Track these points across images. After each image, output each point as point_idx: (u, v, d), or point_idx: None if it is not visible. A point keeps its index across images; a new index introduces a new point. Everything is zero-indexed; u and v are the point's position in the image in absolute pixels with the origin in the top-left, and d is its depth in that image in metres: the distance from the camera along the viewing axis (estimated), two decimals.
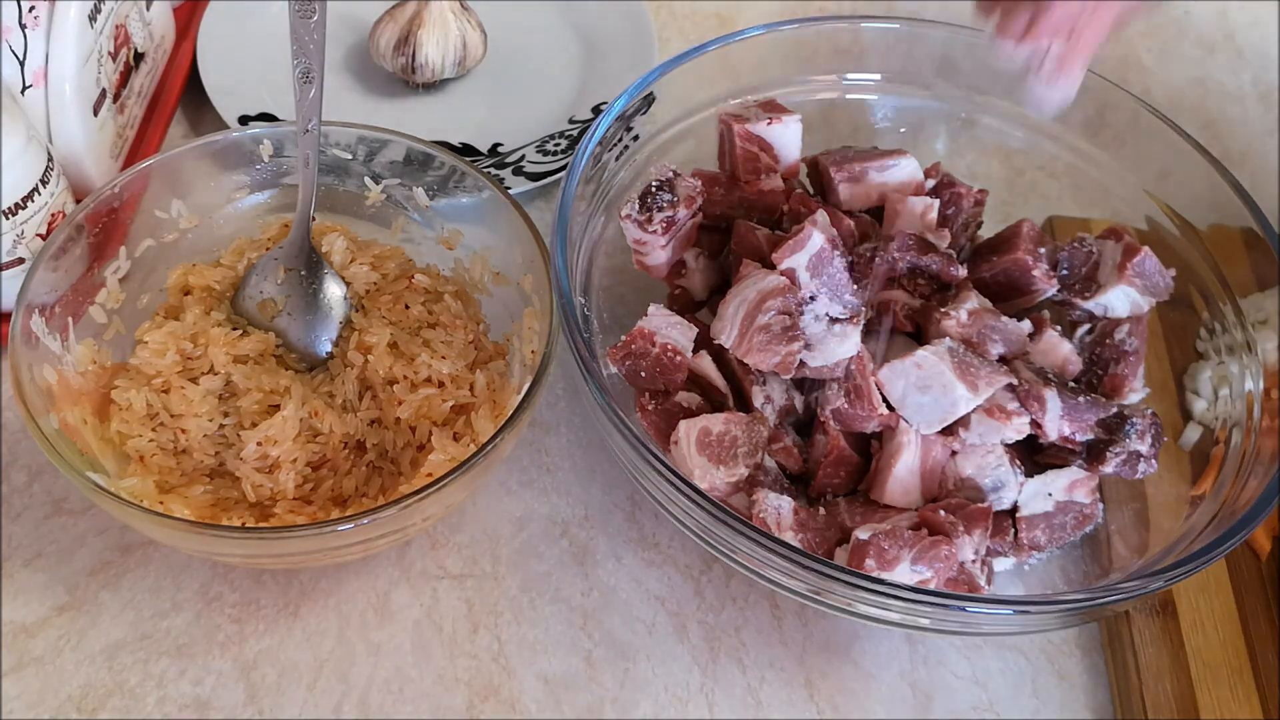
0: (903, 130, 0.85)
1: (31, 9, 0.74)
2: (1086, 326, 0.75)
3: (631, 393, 0.71)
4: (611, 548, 0.74)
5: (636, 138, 0.78)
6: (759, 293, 0.68)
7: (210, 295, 0.73)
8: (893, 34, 0.84)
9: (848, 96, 0.84)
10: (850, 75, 0.84)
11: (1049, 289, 0.73)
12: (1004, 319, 0.70)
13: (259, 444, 0.66)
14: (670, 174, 0.72)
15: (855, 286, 0.70)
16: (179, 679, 0.67)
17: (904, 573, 0.62)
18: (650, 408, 0.69)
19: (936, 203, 0.74)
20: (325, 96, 0.67)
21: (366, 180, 0.77)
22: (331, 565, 0.71)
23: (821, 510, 0.68)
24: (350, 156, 0.76)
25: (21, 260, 0.74)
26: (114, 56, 0.82)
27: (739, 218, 0.75)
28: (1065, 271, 0.74)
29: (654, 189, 0.71)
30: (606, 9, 1.01)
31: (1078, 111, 0.81)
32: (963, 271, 0.72)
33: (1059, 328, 0.72)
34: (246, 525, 0.66)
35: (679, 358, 0.69)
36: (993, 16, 0.64)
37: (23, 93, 0.76)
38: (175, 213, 0.74)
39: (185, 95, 0.93)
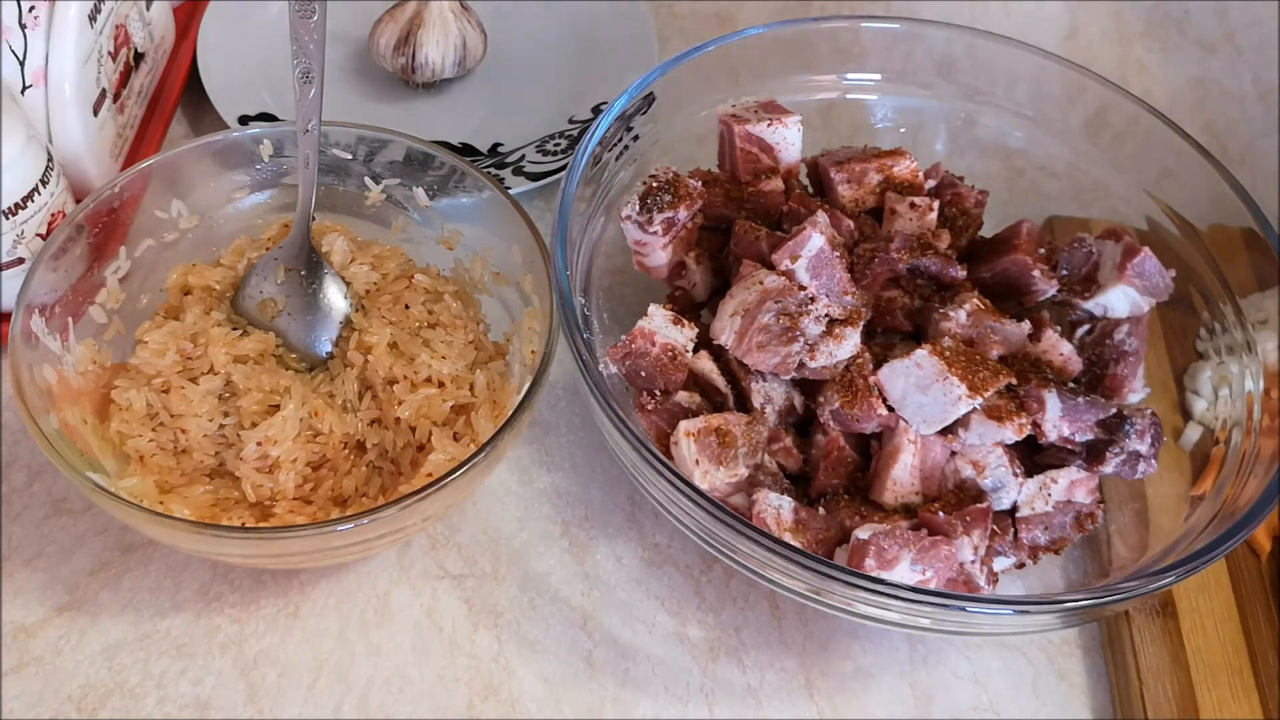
0: (903, 130, 0.85)
1: (31, 9, 0.74)
2: (1086, 326, 0.74)
3: (631, 393, 0.71)
4: (611, 548, 0.74)
5: (636, 138, 0.78)
6: (759, 293, 0.68)
7: (210, 295, 0.73)
8: (893, 34, 0.84)
9: (848, 96, 0.84)
10: (850, 75, 0.84)
11: (1049, 289, 0.73)
12: (1004, 319, 0.70)
13: (259, 444, 0.66)
14: (670, 174, 0.72)
15: (855, 287, 0.70)
16: (179, 679, 0.67)
17: (904, 573, 0.62)
18: (650, 408, 0.69)
19: (936, 203, 0.74)
20: (325, 96, 0.67)
21: (366, 180, 0.77)
22: (331, 565, 0.71)
23: (821, 510, 0.68)
24: (350, 156, 0.76)
25: (21, 260, 0.74)
26: (114, 56, 0.82)
27: (739, 218, 0.75)
28: (1065, 271, 0.74)
29: (654, 189, 0.71)
30: (606, 9, 1.01)
31: (1078, 111, 0.82)
32: (963, 271, 0.72)
33: (1059, 328, 0.72)
34: (246, 525, 0.66)
35: (679, 358, 0.69)
36: None
37: (23, 93, 0.76)
38: (175, 213, 0.74)
39: (185, 95, 0.93)
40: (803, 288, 0.68)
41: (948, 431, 0.68)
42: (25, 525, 0.72)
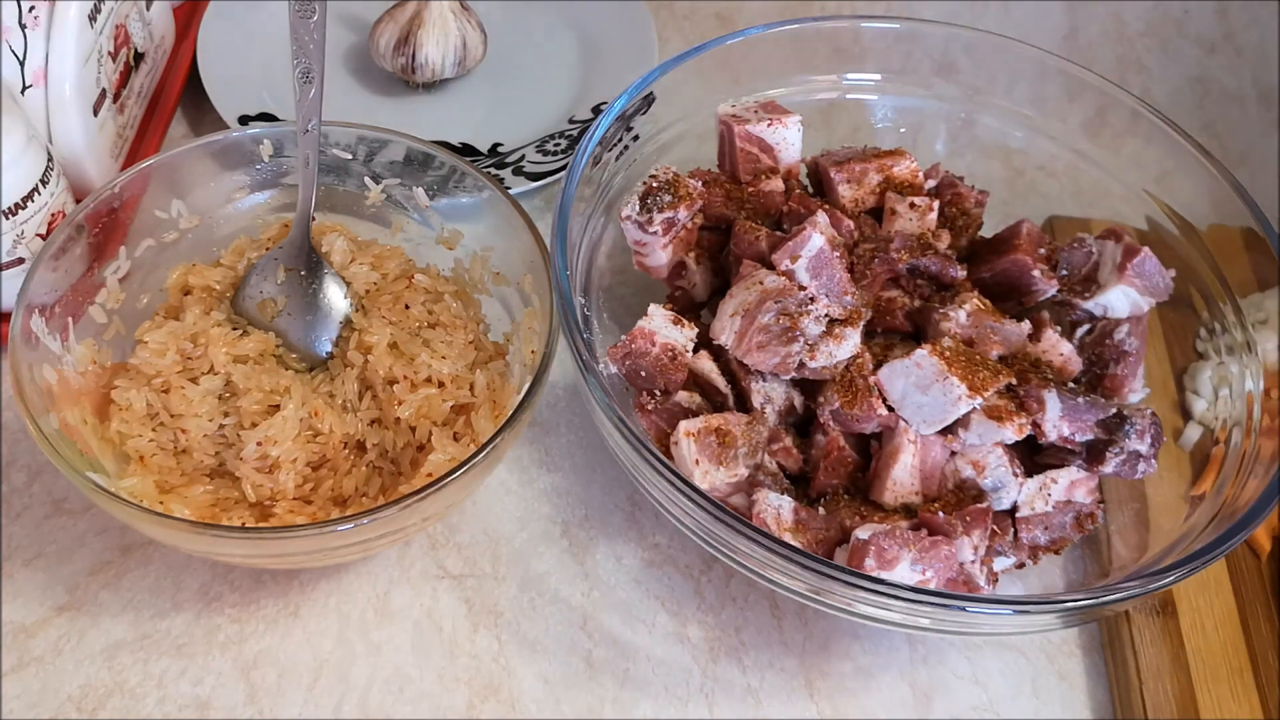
0: (903, 130, 0.85)
1: (31, 9, 0.74)
2: (1086, 326, 0.74)
3: (631, 393, 0.71)
4: (611, 548, 0.74)
5: (636, 138, 0.78)
6: (759, 293, 0.68)
7: (210, 295, 0.73)
8: (893, 34, 0.84)
9: (848, 96, 0.84)
10: (850, 75, 0.84)
11: (1049, 289, 0.73)
12: (1004, 319, 0.70)
13: (259, 444, 0.66)
14: (670, 174, 0.72)
15: (855, 287, 0.70)
16: (179, 679, 0.67)
17: (904, 573, 0.62)
18: (650, 408, 0.69)
19: (936, 203, 0.75)
20: (325, 96, 0.67)
21: (366, 180, 0.77)
22: (331, 565, 0.71)
23: (821, 510, 0.68)
24: (350, 156, 0.76)
25: (21, 260, 0.74)
26: (114, 56, 0.82)
27: (739, 218, 0.75)
28: (1065, 271, 0.74)
29: (654, 189, 0.71)
30: (606, 9, 1.01)
31: (1078, 111, 0.82)
32: (962, 272, 0.72)
33: (1059, 328, 0.72)
34: (246, 525, 0.66)
35: (679, 358, 0.69)
36: None
37: (23, 93, 0.76)
38: (175, 213, 0.74)
39: (185, 95, 0.93)
40: (803, 288, 0.68)
41: (948, 431, 0.68)
42: (25, 525, 0.72)
